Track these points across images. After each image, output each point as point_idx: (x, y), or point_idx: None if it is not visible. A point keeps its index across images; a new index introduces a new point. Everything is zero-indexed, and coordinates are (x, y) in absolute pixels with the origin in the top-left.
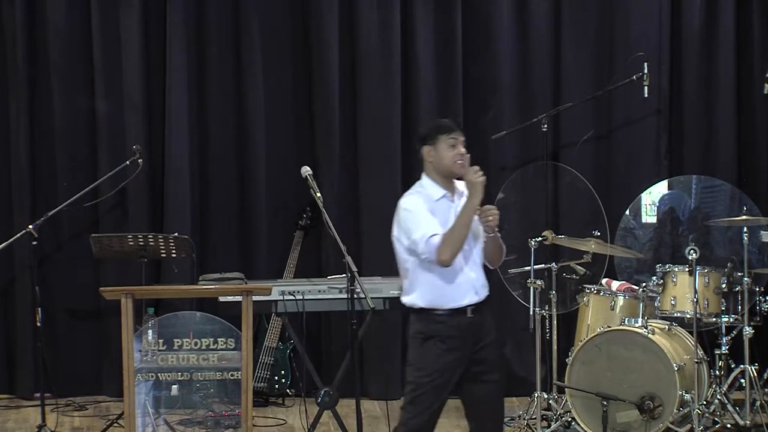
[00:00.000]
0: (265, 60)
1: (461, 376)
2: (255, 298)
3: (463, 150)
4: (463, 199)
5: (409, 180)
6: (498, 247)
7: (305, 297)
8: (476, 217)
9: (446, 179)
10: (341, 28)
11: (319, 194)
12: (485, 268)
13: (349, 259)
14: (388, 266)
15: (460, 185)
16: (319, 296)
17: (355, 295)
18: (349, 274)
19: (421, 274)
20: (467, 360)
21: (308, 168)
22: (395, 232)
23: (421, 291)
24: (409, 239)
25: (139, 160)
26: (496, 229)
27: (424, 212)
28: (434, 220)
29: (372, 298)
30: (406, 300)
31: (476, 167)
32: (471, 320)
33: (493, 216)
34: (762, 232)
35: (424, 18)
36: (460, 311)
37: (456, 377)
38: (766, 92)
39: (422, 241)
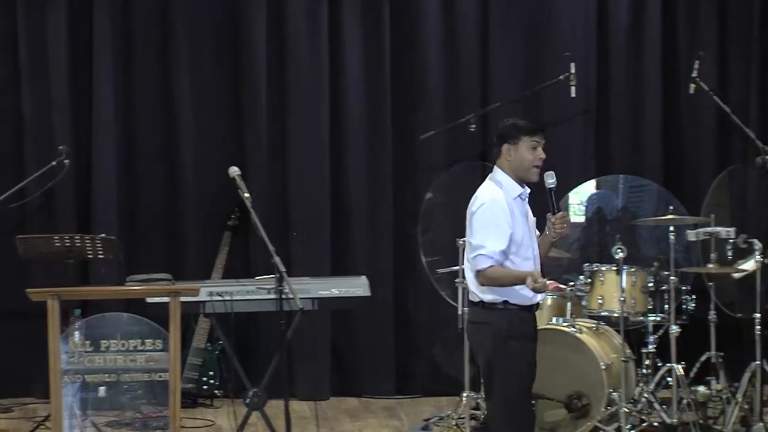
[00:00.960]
0: (193, 61)
1: None
2: (183, 299)
3: (542, 155)
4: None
5: (336, 181)
6: (549, 247)
7: (233, 298)
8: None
9: (518, 180)
10: (269, 30)
11: (247, 194)
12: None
13: (277, 259)
14: (317, 266)
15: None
16: (248, 297)
17: (284, 296)
18: (278, 275)
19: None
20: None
21: (236, 168)
22: (471, 217)
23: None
24: (472, 236)
25: (66, 161)
26: None
27: (500, 222)
28: (505, 234)
29: (301, 298)
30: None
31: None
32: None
33: (567, 224)
34: (688, 231)
35: (352, 18)
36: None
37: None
38: (692, 92)
39: (477, 250)
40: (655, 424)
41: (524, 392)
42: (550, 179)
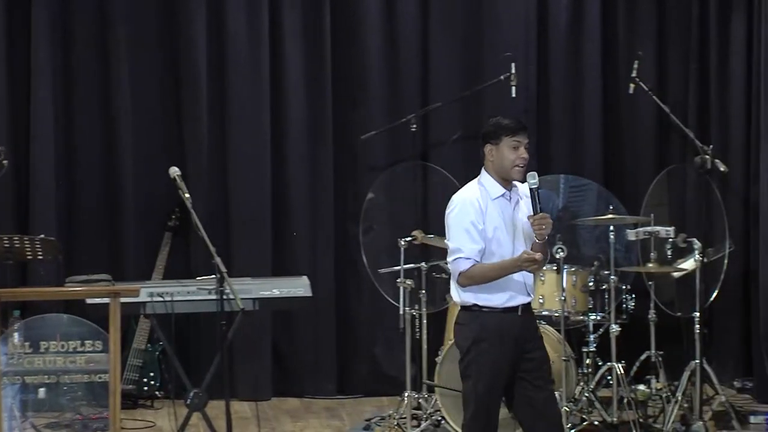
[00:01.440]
0: (133, 60)
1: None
2: (123, 299)
3: (525, 155)
4: (521, 203)
5: (277, 181)
6: (545, 252)
7: (174, 298)
8: (529, 221)
9: (503, 180)
10: (209, 28)
11: (187, 195)
12: None
13: (218, 259)
14: (258, 267)
15: (520, 186)
16: (188, 297)
17: (225, 296)
18: (219, 275)
19: None
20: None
21: (176, 169)
22: (446, 220)
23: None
24: (449, 240)
25: (4, 161)
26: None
27: (473, 221)
28: (477, 240)
29: (242, 298)
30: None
31: (546, 224)
32: (522, 319)
33: (546, 225)
34: (628, 231)
35: (292, 17)
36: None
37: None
38: (631, 92)
39: (454, 254)
40: (596, 423)
41: (492, 393)
42: (533, 179)
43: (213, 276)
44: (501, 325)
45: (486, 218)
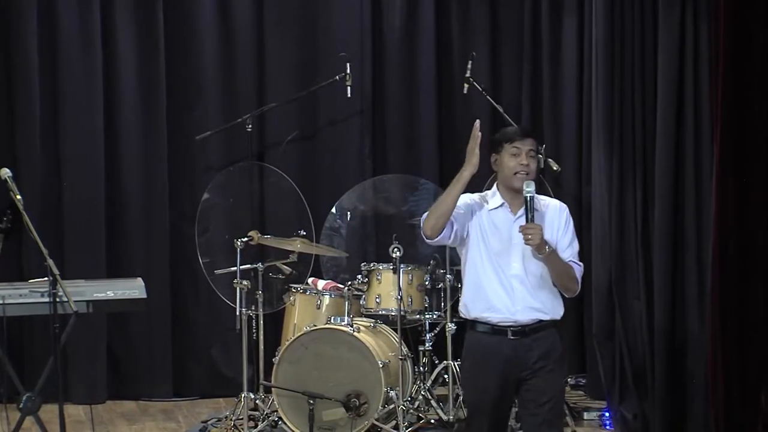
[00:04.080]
0: None
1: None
2: None
3: (525, 161)
4: (543, 217)
5: (112, 182)
6: (560, 272)
7: (6, 301)
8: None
9: (509, 191)
10: (40, 29)
11: (19, 196)
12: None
13: (51, 262)
14: (92, 269)
15: (549, 201)
16: (21, 300)
17: (58, 299)
18: (51, 277)
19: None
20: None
21: (8, 170)
22: None
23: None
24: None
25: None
26: (547, 248)
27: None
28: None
29: (75, 301)
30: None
31: (477, 124)
32: (514, 343)
33: (531, 234)
34: None
35: (125, 17)
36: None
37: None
38: (465, 92)
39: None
40: (432, 421)
41: (475, 411)
42: (528, 187)
43: (46, 278)
44: (487, 347)
45: (482, 225)
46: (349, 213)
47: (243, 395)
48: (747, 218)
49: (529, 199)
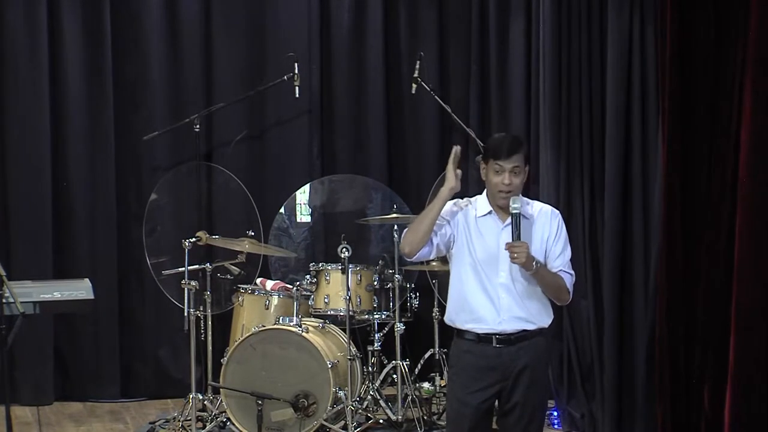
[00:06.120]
0: None
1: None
2: None
3: (506, 180)
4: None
5: (58, 182)
6: (550, 284)
7: None
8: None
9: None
10: None
11: None
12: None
13: None
14: (39, 269)
15: (543, 208)
16: None
17: (4, 300)
18: None
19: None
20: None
21: None
22: None
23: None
24: None
25: None
26: (534, 264)
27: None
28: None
29: (22, 302)
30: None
31: (456, 149)
32: (499, 351)
33: (517, 252)
34: None
35: (71, 16)
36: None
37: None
38: (414, 92)
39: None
40: (381, 421)
41: (456, 417)
42: (514, 203)
43: None
44: (472, 354)
45: (469, 233)
46: (297, 213)
47: (191, 396)
48: (693, 218)
49: (517, 216)
